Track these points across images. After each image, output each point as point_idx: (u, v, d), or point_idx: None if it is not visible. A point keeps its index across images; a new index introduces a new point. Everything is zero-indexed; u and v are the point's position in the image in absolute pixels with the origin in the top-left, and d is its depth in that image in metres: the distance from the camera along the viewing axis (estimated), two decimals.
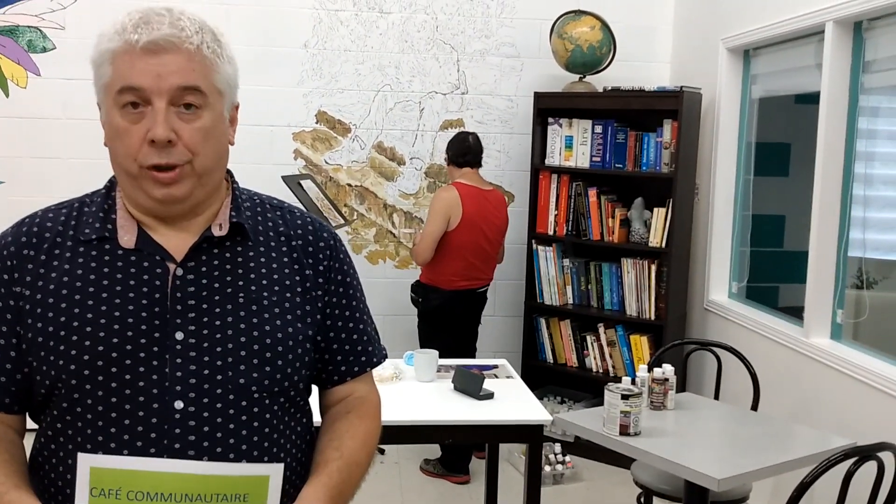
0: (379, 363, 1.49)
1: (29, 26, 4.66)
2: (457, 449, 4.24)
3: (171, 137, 1.23)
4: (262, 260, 1.34)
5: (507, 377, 3.35)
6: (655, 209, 4.38)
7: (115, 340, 1.24)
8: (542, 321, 4.77)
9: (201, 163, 1.27)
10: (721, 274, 4.39)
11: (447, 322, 4.27)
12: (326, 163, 4.94)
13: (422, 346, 4.04)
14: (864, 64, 3.30)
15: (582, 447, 4.40)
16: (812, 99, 3.53)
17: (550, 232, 4.70)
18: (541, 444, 2.97)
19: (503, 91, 4.99)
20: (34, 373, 1.27)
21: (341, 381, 1.44)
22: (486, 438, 3.24)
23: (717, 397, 3.50)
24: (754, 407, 3.32)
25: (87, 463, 1.06)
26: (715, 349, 3.52)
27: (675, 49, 5.00)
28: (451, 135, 4.46)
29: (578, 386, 4.77)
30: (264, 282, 1.33)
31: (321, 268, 1.39)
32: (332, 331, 1.41)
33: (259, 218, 1.38)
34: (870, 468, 2.31)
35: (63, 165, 4.74)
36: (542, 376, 4.82)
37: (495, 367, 3.47)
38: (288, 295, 1.34)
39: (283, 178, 4.27)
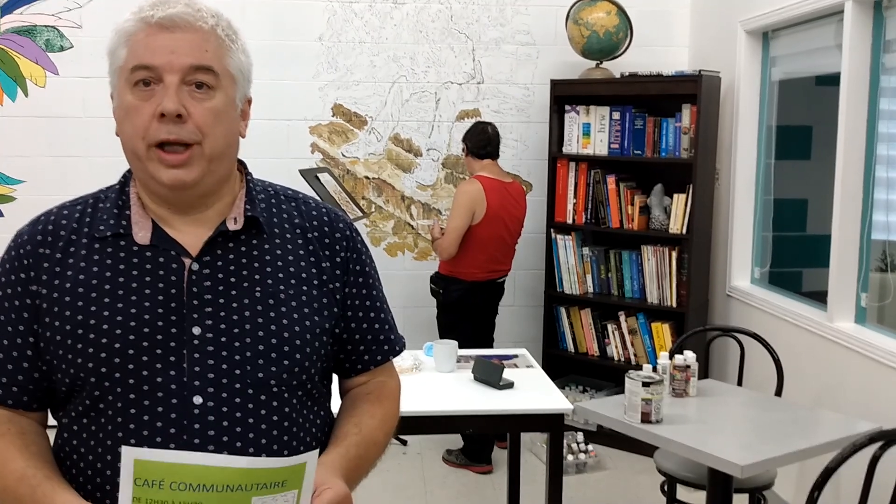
0: (400, 352, 1.49)
1: (46, 26, 4.69)
2: (479, 439, 4.24)
3: (181, 111, 1.22)
4: (278, 253, 1.33)
5: (527, 367, 3.34)
6: (675, 195, 4.35)
7: (133, 337, 1.24)
8: (563, 310, 4.75)
9: (211, 145, 1.25)
10: (743, 259, 4.35)
11: (467, 313, 4.27)
12: (343, 156, 4.95)
13: (441, 337, 4.04)
14: (884, 43, 3.25)
15: (604, 436, 4.39)
16: (833, 80, 3.48)
17: (569, 220, 4.68)
18: (562, 433, 2.96)
19: (519, 79, 4.97)
20: (54, 371, 1.27)
21: (364, 371, 1.45)
22: (507, 428, 3.23)
23: (740, 384, 3.48)
24: (778, 393, 3.30)
25: (131, 455, 1.07)
26: (737, 335, 3.49)
27: (692, 33, 4.95)
28: (467, 125, 4.45)
29: (600, 375, 4.76)
30: (280, 275, 1.32)
31: (338, 259, 1.38)
32: (353, 322, 1.41)
33: (274, 210, 1.37)
34: (895, 453, 2.28)
35: (83, 164, 4.78)
36: (563, 365, 4.80)
37: (515, 356, 3.47)
38: (304, 288, 1.33)
39: (301, 171, 4.28)
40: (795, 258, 4.37)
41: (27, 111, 4.72)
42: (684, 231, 4.32)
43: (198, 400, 1.23)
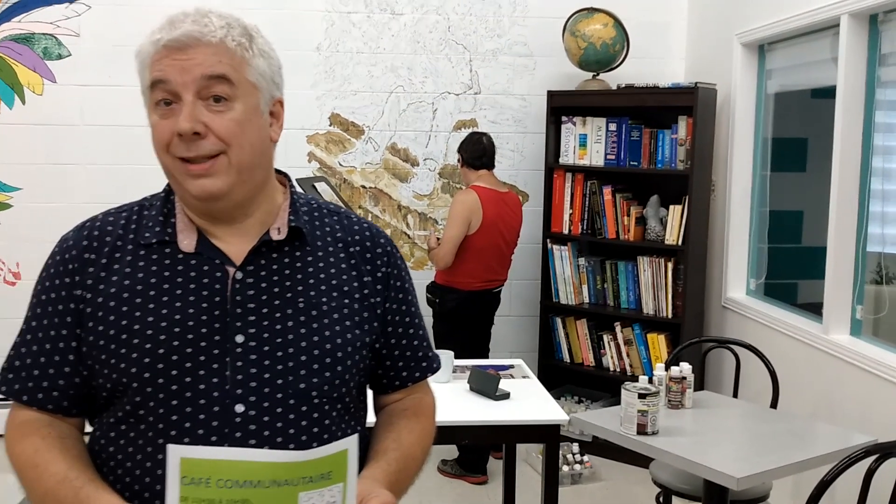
0: (437, 370, 1.50)
1: (44, 34, 4.69)
2: (474, 449, 4.23)
3: (197, 129, 1.22)
4: (321, 265, 1.34)
5: (523, 377, 3.33)
6: (671, 206, 4.36)
7: (176, 343, 1.24)
8: (558, 320, 4.75)
9: (237, 155, 1.25)
10: (739, 271, 4.36)
11: (463, 323, 4.27)
12: (340, 165, 4.95)
13: (437, 347, 3.99)
14: (880, 57, 3.27)
15: (600, 447, 4.39)
16: (828, 93, 3.50)
17: (565, 231, 4.69)
18: (558, 444, 2.96)
19: (516, 90, 4.98)
20: (95, 376, 1.27)
21: (401, 388, 1.45)
22: (503, 438, 3.23)
23: (735, 395, 3.47)
24: (773, 405, 3.30)
25: (177, 454, 1.06)
26: (733, 347, 3.49)
27: (689, 45, 4.98)
28: (464, 135, 4.45)
29: (596, 385, 4.75)
30: (323, 287, 1.32)
31: (379, 274, 1.39)
32: (393, 338, 1.41)
33: (317, 223, 1.38)
34: (891, 465, 2.28)
35: (80, 171, 4.78)
36: (558, 376, 4.80)
37: (511, 367, 3.46)
38: (346, 301, 1.33)
39: (298, 180, 4.28)
40: (791, 270, 4.38)
41: (24, 119, 4.71)
42: (680, 242, 4.33)
43: (239, 408, 1.23)
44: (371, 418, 1.45)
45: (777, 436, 2.76)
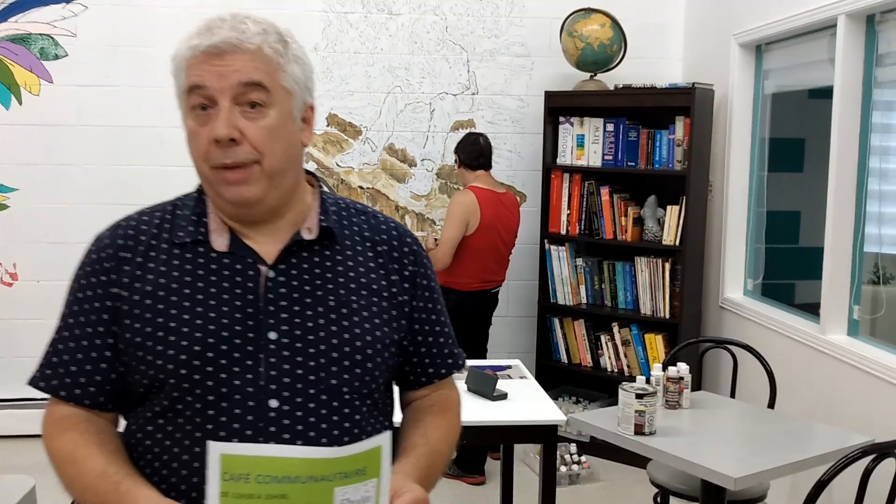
0: (462, 366, 1.52)
1: (41, 34, 4.69)
2: (472, 450, 4.23)
3: (233, 135, 1.24)
4: (350, 264, 1.37)
5: (521, 377, 3.33)
6: (669, 207, 4.36)
7: (211, 341, 1.26)
8: (556, 321, 4.75)
9: (269, 163, 1.27)
10: (736, 271, 4.36)
11: (460, 323, 4.19)
12: (338, 165, 4.95)
13: None
14: (877, 57, 3.27)
15: (598, 447, 4.38)
16: (825, 93, 3.50)
17: (563, 231, 4.69)
18: (555, 445, 2.96)
19: (514, 91, 4.98)
20: (132, 372, 1.30)
21: (427, 384, 1.48)
22: (501, 439, 3.23)
23: (733, 395, 3.48)
24: (771, 405, 3.30)
25: (217, 451, 1.09)
26: (730, 347, 3.50)
27: (686, 45, 4.98)
28: (462, 136, 4.45)
29: (593, 386, 4.75)
30: (352, 285, 1.35)
31: (406, 273, 1.42)
32: (420, 335, 1.44)
33: (345, 222, 1.40)
34: (888, 465, 2.28)
35: (77, 172, 4.77)
36: (556, 376, 4.80)
37: (509, 367, 3.46)
38: (375, 299, 1.36)
39: None
40: (788, 270, 4.38)
41: (21, 119, 4.71)
42: (677, 243, 4.33)
43: (273, 403, 1.26)
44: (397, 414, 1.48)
45: (774, 436, 2.76)
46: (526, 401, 3.06)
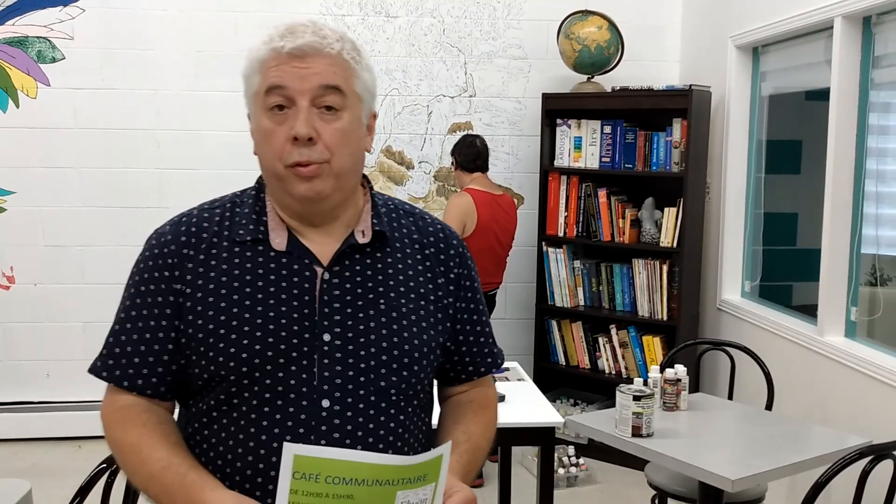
0: (501, 365, 1.57)
1: (38, 37, 4.69)
2: None
3: (312, 134, 1.29)
4: (400, 267, 1.41)
5: (519, 380, 3.33)
6: (666, 209, 4.36)
7: (271, 340, 1.30)
8: (554, 323, 4.75)
9: (338, 163, 1.32)
10: (734, 273, 4.36)
11: None
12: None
13: None
14: (873, 59, 3.27)
15: (595, 449, 4.38)
16: (822, 95, 3.50)
17: (561, 233, 4.69)
18: (552, 447, 2.96)
19: (511, 93, 4.98)
20: (191, 366, 1.34)
21: (467, 381, 1.53)
22: (498, 441, 3.20)
23: (730, 397, 3.48)
24: (769, 406, 3.30)
25: (291, 451, 1.13)
26: (728, 349, 3.50)
27: (683, 47, 4.98)
28: (459, 138, 4.45)
29: (591, 388, 4.75)
30: (402, 289, 1.40)
31: (452, 275, 1.47)
32: (461, 335, 1.48)
33: (395, 224, 1.45)
34: (886, 467, 2.28)
35: (74, 174, 4.76)
36: (554, 378, 4.80)
37: (506, 369, 3.46)
38: (422, 303, 1.41)
39: None
40: (785, 272, 4.39)
41: (18, 122, 4.70)
42: (675, 244, 4.33)
43: (325, 403, 1.30)
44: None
45: (772, 438, 2.76)
46: (523, 403, 3.06)
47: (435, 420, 1.52)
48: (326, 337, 1.32)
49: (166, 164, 4.75)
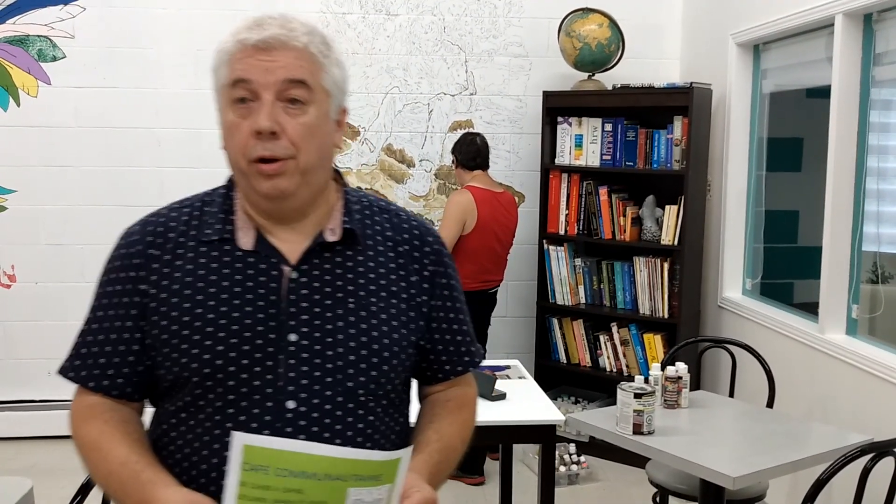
0: (480, 363, 1.54)
1: (39, 36, 4.69)
2: (471, 450, 4.19)
3: (274, 128, 1.26)
4: (371, 265, 1.38)
5: (520, 378, 3.33)
6: (667, 207, 4.36)
7: (234, 341, 1.29)
8: (555, 321, 4.75)
9: (305, 159, 1.30)
10: (735, 271, 4.36)
11: None
12: (336, 166, 4.94)
13: None
14: (874, 56, 3.27)
15: (597, 447, 4.38)
16: (823, 93, 3.50)
17: (562, 231, 4.69)
18: (554, 445, 2.96)
19: (512, 91, 4.98)
20: (157, 367, 1.33)
21: (444, 380, 1.49)
22: (499, 439, 3.22)
23: (731, 395, 3.48)
24: (770, 404, 3.30)
25: (241, 441, 1.12)
26: (729, 347, 3.50)
27: (684, 45, 4.98)
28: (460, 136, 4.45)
29: (592, 386, 4.75)
30: (372, 287, 1.37)
31: (426, 273, 1.43)
32: (437, 333, 1.45)
33: (368, 222, 1.42)
34: (887, 464, 2.28)
35: (75, 173, 4.77)
36: (555, 376, 4.80)
37: (507, 367, 3.46)
38: (394, 301, 1.38)
39: None
40: (787, 270, 4.38)
41: (19, 121, 4.70)
42: (676, 242, 4.33)
43: (291, 404, 1.29)
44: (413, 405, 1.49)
45: (773, 435, 2.76)
46: (525, 401, 3.06)
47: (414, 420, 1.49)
48: (293, 337, 1.30)
49: (167, 163, 4.75)
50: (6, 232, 4.76)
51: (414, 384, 1.50)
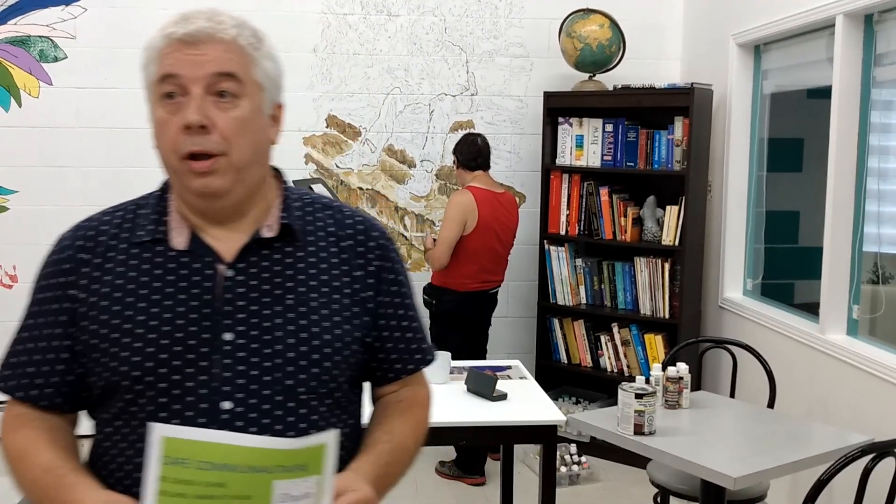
0: (431, 362, 1.49)
1: (40, 36, 4.69)
2: (472, 450, 4.23)
3: (203, 122, 1.24)
4: (312, 261, 1.35)
5: (521, 378, 3.34)
6: (668, 207, 4.36)
7: (166, 342, 1.26)
8: (556, 321, 4.75)
9: (238, 155, 1.26)
10: (735, 271, 4.36)
11: (460, 324, 4.27)
12: (337, 167, 4.95)
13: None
14: (875, 57, 3.27)
15: (597, 447, 4.38)
16: (824, 93, 3.50)
17: (562, 232, 4.69)
18: (555, 445, 2.96)
19: (513, 91, 4.98)
20: (89, 374, 1.30)
21: (395, 380, 1.45)
22: (500, 440, 3.23)
23: (732, 395, 3.48)
24: (770, 404, 3.30)
25: (160, 433, 1.09)
26: (730, 347, 3.50)
27: (685, 46, 4.98)
28: (461, 136, 4.45)
29: (593, 386, 4.75)
30: (313, 283, 1.33)
31: (371, 268, 1.39)
32: (386, 331, 1.40)
33: (309, 218, 1.38)
34: (888, 465, 2.28)
35: (76, 174, 4.77)
36: (556, 377, 4.80)
37: (508, 368, 3.46)
38: (336, 297, 1.34)
39: (294, 182, 4.27)
40: (787, 270, 4.39)
41: (20, 121, 4.71)
42: (677, 243, 4.33)
43: (226, 405, 1.25)
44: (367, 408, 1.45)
45: (774, 435, 2.76)
46: (526, 401, 3.06)
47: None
48: (228, 336, 1.27)
49: None
50: (8, 232, 4.77)
51: (367, 387, 1.47)
